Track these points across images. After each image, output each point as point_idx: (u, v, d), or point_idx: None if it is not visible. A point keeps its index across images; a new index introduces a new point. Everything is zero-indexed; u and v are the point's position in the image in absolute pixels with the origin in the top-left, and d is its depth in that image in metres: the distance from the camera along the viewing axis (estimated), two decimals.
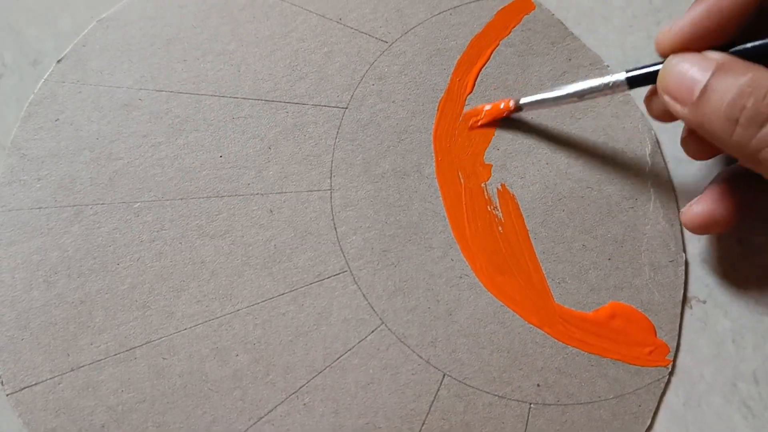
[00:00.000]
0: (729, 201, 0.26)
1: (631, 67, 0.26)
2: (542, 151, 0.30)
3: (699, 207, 0.27)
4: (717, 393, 0.28)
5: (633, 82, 0.26)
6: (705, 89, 0.22)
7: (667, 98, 0.24)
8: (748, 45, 0.23)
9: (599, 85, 0.27)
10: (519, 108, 0.29)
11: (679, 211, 0.30)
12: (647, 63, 0.31)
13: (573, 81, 0.31)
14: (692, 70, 0.23)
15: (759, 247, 0.30)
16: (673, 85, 0.23)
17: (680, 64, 0.23)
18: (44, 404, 0.26)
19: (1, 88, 0.30)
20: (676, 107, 0.23)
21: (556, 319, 0.28)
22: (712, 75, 0.22)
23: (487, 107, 0.30)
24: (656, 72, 0.25)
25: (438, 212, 0.29)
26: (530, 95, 0.29)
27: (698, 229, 0.27)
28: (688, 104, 0.23)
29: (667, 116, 0.26)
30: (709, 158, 0.27)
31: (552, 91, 0.28)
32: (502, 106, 0.30)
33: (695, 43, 0.24)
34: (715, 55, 0.23)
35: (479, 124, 0.30)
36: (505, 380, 0.28)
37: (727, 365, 0.28)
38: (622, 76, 0.26)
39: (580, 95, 0.27)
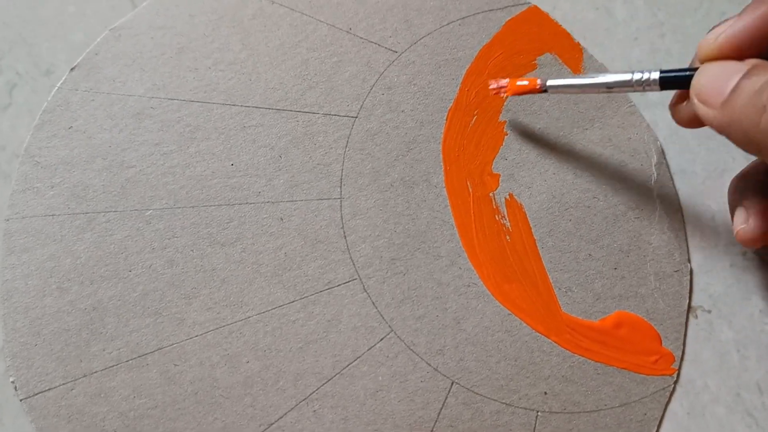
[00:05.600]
0: None
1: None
2: (549, 161, 0.30)
3: (755, 223, 0.26)
4: (721, 403, 0.28)
5: (665, 83, 0.25)
6: (735, 88, 0.22)
7: (696, 102, 0.24)
8: None
9: (630, 80, 0.26)
10: (544, 89, 0.28)
11: (683, 221, 0.30)
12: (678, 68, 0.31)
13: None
14: (725, 74, 0.23)
15: (763, 260, 0.30)
16: (704, 88, 0.23)
17: (714, 68, 0.23)
18: (57, 410, 0.27)
19: (14, 97, 0.30)
20: (706, 111, 0.23)
21: (563, 327, 0.29)
22: (745, 75, 0.22)
23: (519, 82, 0.29)
24: (689, 76, 0.24)
25: (446, 221, 0.30)
26: (558, 78, 0.28)
27: (757, 243, 0.27)
28: (717, 106, 0.23)
29: (693, 122, 0.26)
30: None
31: (581, 78, 0.27)
32: (527, 83, 0.29)
33: (739, 52, 0.23)
34: (751, 60, 0.23)
35: (504, 94, 0.29)
36: (512, 388, 0.28)
37: (732, 375, 0.29)
38: (655, 74, 0.25)
39: (609, 86, 0.27)
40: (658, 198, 0.30)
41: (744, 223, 0.26)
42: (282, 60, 0.31)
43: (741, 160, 0.31)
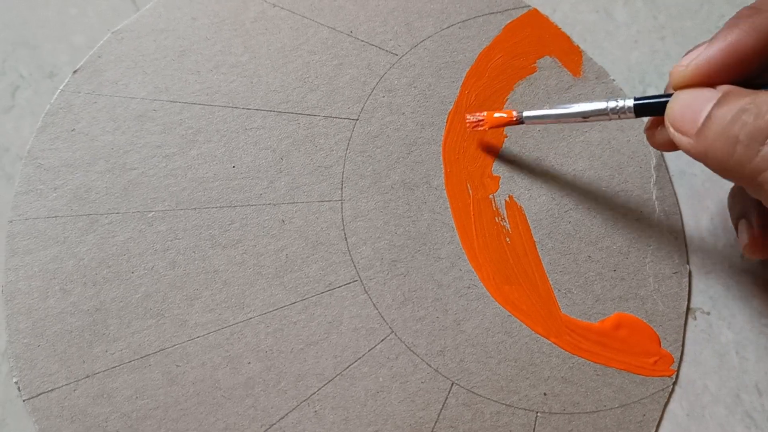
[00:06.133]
0: None
1: (637, 94, 0.26)
2: (549, 163, 0.31)
3: (760, 235, 0.26)
4: (721, 404, 0.29)
5: (640, 110, 0.26)
6: (708, 117, 0.22)
7: (672, 130, 0.24)
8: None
9: (605, 108, 0.26)
10: (521, 121, 0.28)
11: (682, 223, 0.30)
12: (652, 79, 0.32)
13: (579, 96, 0.31)
14: (698, 102, 0.23)
15: (762, 261, 0.30)
16: (678, 117, 0.23)
17: (687, 95, 0.23)
18: (59, 410, 0.27)
19: (17, 99, 0.31)
20: (681, 139, 0.23)
21: (563, 329, 0.29)
22: (716, 103, 0.22)
23: (496, 114, 0.29)
24: (664, 103, 0.25)
25: (446, 223, 0.30)
26: (534, 110, 0.28)
27: (765, 255, 0.27)
28: (692, 135, 0.23)
29: (669, 146, 0.26)
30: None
31: (556, 108, 0.28)
32: (505, 115, 0.29)
33: (711, 79, 0.23)
34: (722, 87, 0.23)
35: (482, 127, 0.29)
36: (512, 389, 0.28)
37: (731, 376, 0.29)
38: (630, 102, 0.26)
39: (585, 116, 0.27)
40: (657, 200, 0.30)
41: (750, 236, 0.26)
42: (283, 63, 0.31)
43: None
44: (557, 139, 0.31)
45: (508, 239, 0.30)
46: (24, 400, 0.27)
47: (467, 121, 0.30)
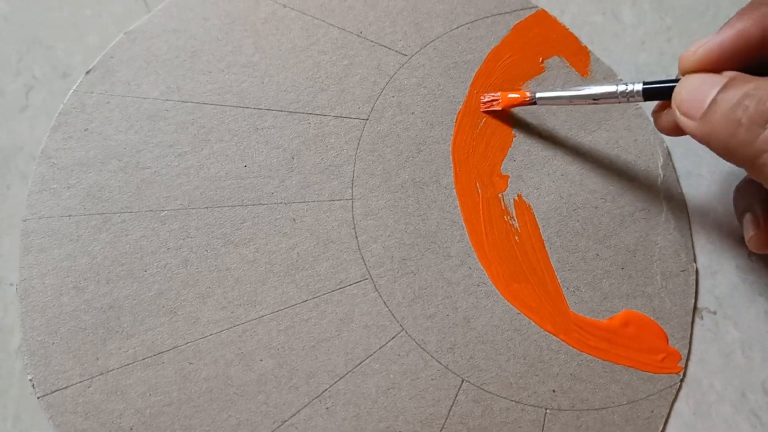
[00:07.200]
0: None
1: (647, 80, 0.27)
2: (557, 162, 0.31)
3: (766, 228, 0.27)
4: (726, 402, 0.29)
5: (648, 95, 0.27)
6: (713, 101, 0.23)
7: (678, 113, 0.25)
8: None
9: (615, 92, 0.27)
10: (533, 102, 0.30)
11: (689, 222, 0.31)
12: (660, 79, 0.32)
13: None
14: (704, 86, 0.24)
15: None
16: (685, 101, 0.24)
17: (694, 80, 0.24)
18: (74, 407, 0.27)
19: (31, 99, 0.31)
20: (687, 122, 0.24)
21: (571, 326, 0.29)
22: (722, 88, 0.23)
23: (510, 95, 0.31)
24: (671, 87, 0.25)
25: (456, 222, 0.30)
26: (547, 91, 0.29)
27: None
28: (697, 118, 0.24)
29: (675, 130, 0.27)
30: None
31: (568, 90, 0.29)
32: (518, 96, 0.30)
33: (718, 65, 0.24)
34: (728, 73, 0.24)
35: (495, 107, 0.31)
36: (522, 386, 0.28)
37: (737, 375, 0.29)
38: (638, 86, 0.27)
39: (595, 98, 0.28)
40: (664, 199, 0.31)
41: (755, 229, 0.27)
42: (294, 63, 0.31)
43: None
44: (565, 138, 0.31)
45: (516, 237, 0.30)
46: (38, 397, 0.27)
47: (482, 100, 0.31)
